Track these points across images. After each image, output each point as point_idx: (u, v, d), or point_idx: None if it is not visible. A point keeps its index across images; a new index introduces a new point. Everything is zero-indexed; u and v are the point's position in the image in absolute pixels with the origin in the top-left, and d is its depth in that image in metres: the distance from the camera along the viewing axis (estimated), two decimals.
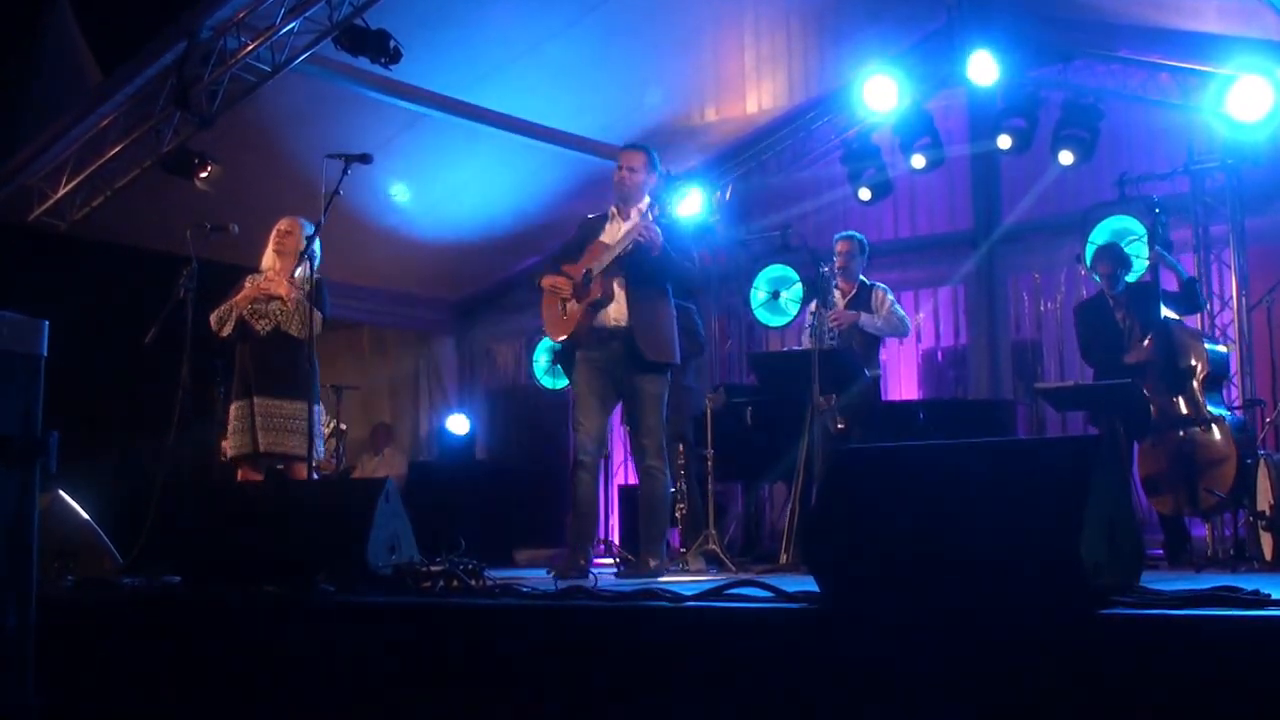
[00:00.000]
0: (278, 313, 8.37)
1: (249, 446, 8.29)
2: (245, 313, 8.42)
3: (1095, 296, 9.81)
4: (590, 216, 8.19)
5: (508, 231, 13.49)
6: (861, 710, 3.97)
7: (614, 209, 8.06)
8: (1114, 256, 9.65)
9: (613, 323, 7.78)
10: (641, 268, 7.74)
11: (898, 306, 9.93)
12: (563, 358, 8.26)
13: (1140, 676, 3.54)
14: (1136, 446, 9.07)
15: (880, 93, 11.96)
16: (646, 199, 8.00)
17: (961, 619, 3.90)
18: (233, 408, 8.47)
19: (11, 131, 10.49)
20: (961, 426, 10.24)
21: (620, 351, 7.77)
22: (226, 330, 8.45)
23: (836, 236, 10.08)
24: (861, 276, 9.95)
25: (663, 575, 7.59)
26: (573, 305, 7.85)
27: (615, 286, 7.79)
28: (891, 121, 12.46)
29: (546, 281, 7.99)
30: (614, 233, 7.92)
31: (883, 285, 10.01)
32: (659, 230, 7.69)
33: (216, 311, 8.46)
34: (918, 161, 12.35)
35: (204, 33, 9.49)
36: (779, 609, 4.40)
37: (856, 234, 10.09)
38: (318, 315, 8.27)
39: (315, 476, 8.38)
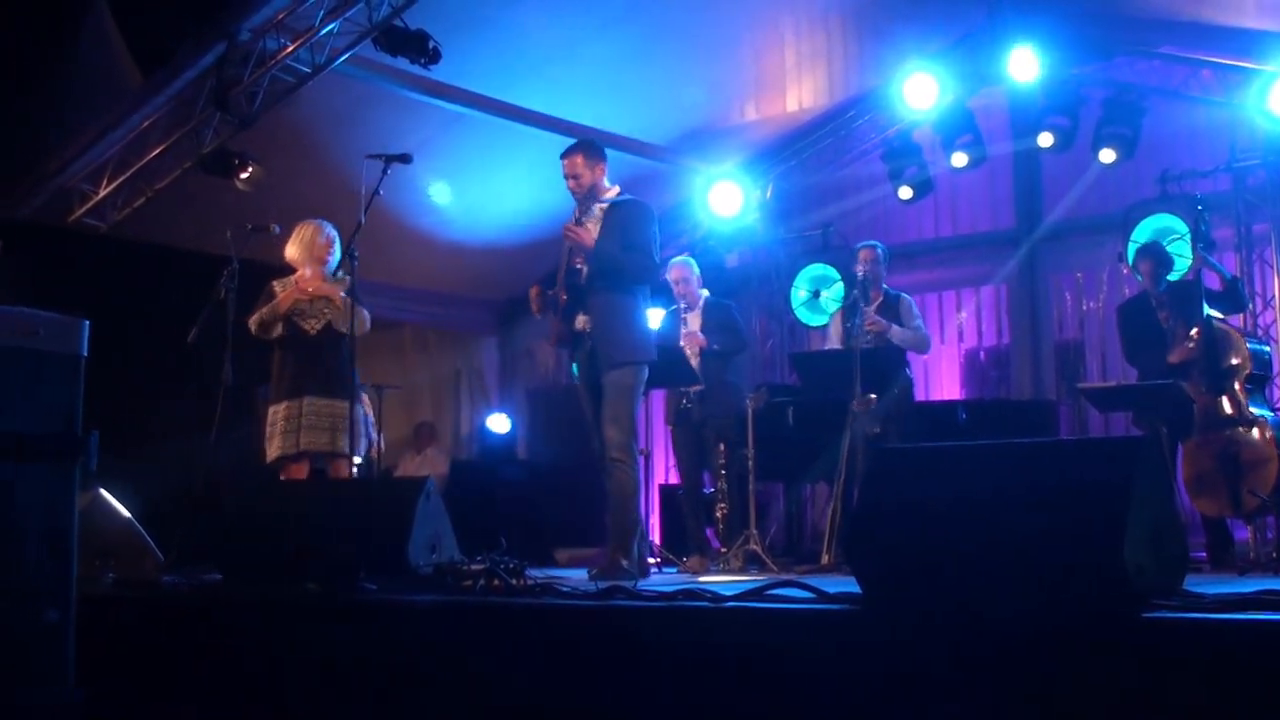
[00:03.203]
0: (328, 311, 8.39)
1: (293, 447, 8.31)
2: (293, 314, 8.44)
3: (1138, 296, 9.73)
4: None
5: (548, 231, 13.42)
6: (902, 711, 3.95)
7: (577, 211, 8.00)
8: (1156, 255, 9.57)
9: (581, 326, 7.78)
10: (592, 271, 7.73)
11: (921, 321, 9.96)
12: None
13: (1183, 680, 3.51)
14: (1181, 448, 8.99)
15: (921, 90, 11.91)
16: (613, 189, 7.96)
17: (1004, 621, 3.87)
18: (280, 408, 8.44)
19: (51, 133, 10.53)
20: (1004, 427, 10.19)
21: (591, 354, 7.79)
22: (277, 332, 8.47)
23: (858, 246, 10.04)
24: (885, 285, 9.91)
25: (631, 578, 7.39)
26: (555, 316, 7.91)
27: (573, 291, 7.81)
28: (932, 119, 12.40)
29: (532, 296, 8.00)
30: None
31: (908, 296, 9.99)
32: (585, 230, 7.73)
33: (256, 316, 8.47)
34: (959, 160, 12.29)
35: (243, 34, 9.51)
36: (820, 610, 4.38)
37: (877, 243, 10.04)
38: (366, 314, 8.32)
39: (355, 474, 8.40)
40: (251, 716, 5.54)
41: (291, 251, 8.62)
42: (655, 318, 9.37)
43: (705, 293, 10.23)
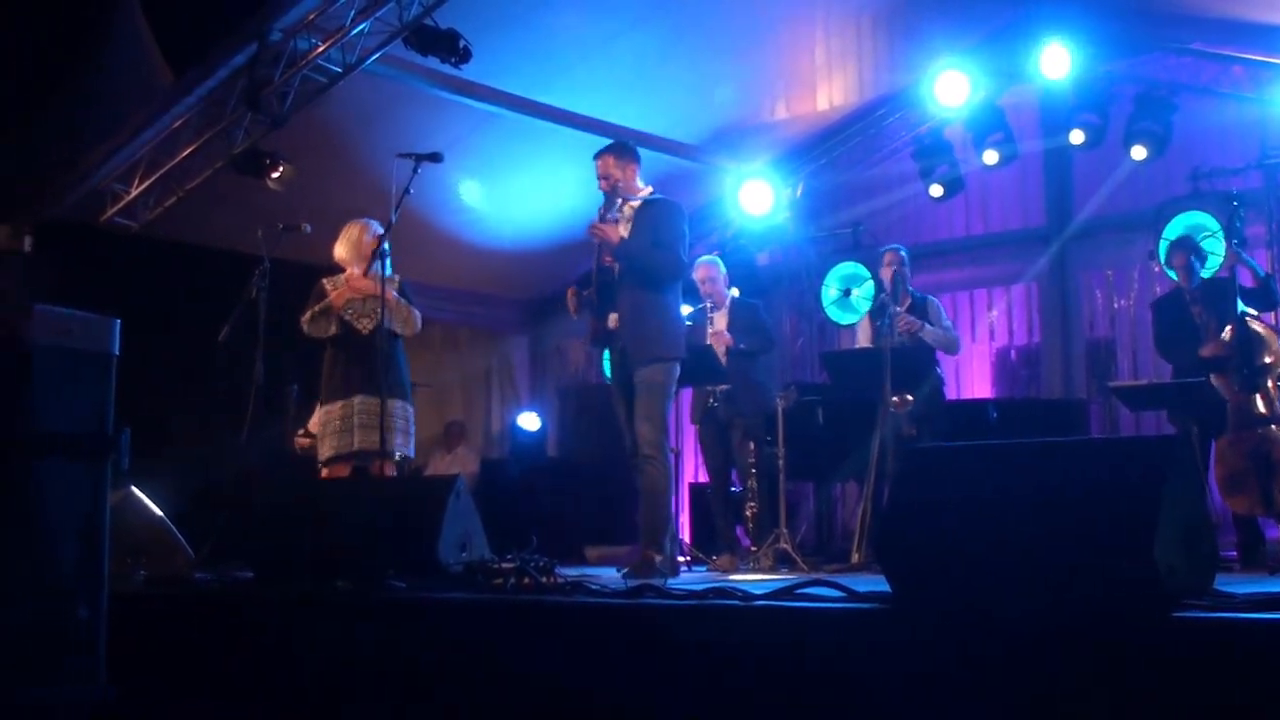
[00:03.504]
0: (378, 311, 8.35)
1: (349, 446, 8.32)
2: (345, 313, 8.45)
3: (1172, 292, 9.69)
4: None
5: (578, 230, 13.40)
6: (932, 710, 3.94)
7: (611, 212, 8.03)
8: (1190, 248, 9.53)
9: (614, 324, 7.82)
10: (623, 269, 7.81)
11: (949, 321, 9.95)
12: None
13: (1213, 680, 3.50)
14: (1214, 446, 8.95)
15: (952, 88, 11.88)
16: (646, 189, 7.99)
17: (1034, 620, 3.86)
18: (334, 408, 8.43)
19: (83, 133, 10.58)
20: (1034, 426, 10.16)
21: (623, 351, 7.83)
22: (330, 330, 8.47)
23: (882, 249, 10.03)
24: (910, 288, 9.89)
25: (662, 575, 7.48)
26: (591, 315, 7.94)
27: (604, 289, 7.87)
28: (963, 117, 12.37)
29: (569, 297, 8.07)
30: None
31: (934, 298, 9.98)
32: (610, 227, 7.81)
33: (308, 313, 8.46)
34: (990, 157, 12.26)
35: (274, 34, 9.52)
36: (850, 609, 4.38)
37: (900, 246, 10.02)
38: (418, 315, 8.37)
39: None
40: (281, 713, 5.56)
41: (340, 251, 8.62)
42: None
43: (734, 292, 10.24)
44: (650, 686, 4.56)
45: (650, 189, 8.02)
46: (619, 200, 7.92)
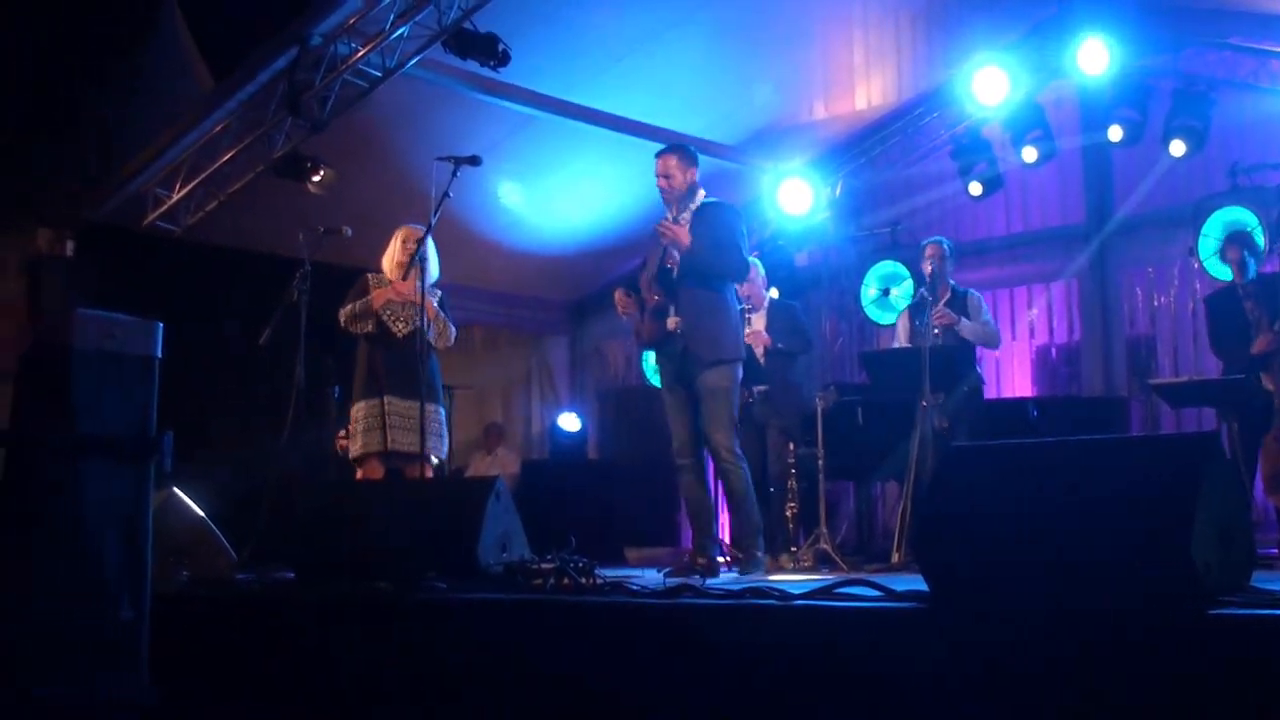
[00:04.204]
0: (416, 317, 8.40)
1: (378, 445, 8.38)
2: (383, 313, 8.51)
3: (1227, 287, 9.66)
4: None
5: (617, 231, 13.51)
6: (971, 710, 3.94)
7: (668, 212, 8.06)
8: (1244, 243, 9.49)
9: (674, 326, 7.81)
10: (684, 270, 7.79)
11: (989, 315, 9.90)
12: (653, 361, 8.32)
13: (1250, 677, 3.49)
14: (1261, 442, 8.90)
15: (990, 85, 11.84)
16: (701, 193, 8.01)
17: (1071, 618, 3.85)
18: (361, 406, 8.54)
19: (124, 138, 10.65)
20: (1075, 423, 10.13)
21: (684, 353, 7.81)
22: (366, 328, 8.54)
23: (924, 241, 10.00)
24: (952, 281, 9.86)
25: (761, 567, 7.66)
26: (646, 314, 7.94)
27: (666, 290, 7.86)
28: (1002, 115, 12.34)
29: (616, 299, 8.09)
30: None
31: (975, 292, 9.94)
32: (681, 229, 7.77)
33: (349, 308, 8.55)
34: (1029, 155, 12.21)
35: (315, 39, 9.58)
36: (888, 608, 4.37)
37: (943, 239, 9.99)
38: (453, 330, 8.44)
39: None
40: (323, 714, 5.59)
41: (386, 259, 8.71)
42: None
43: (773, 293, 10.24)
44: (690, 686, 4.57)
45: (704, 192, 8.05)
46: (683, 206, 7.95)
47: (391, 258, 8.69)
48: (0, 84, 10.30)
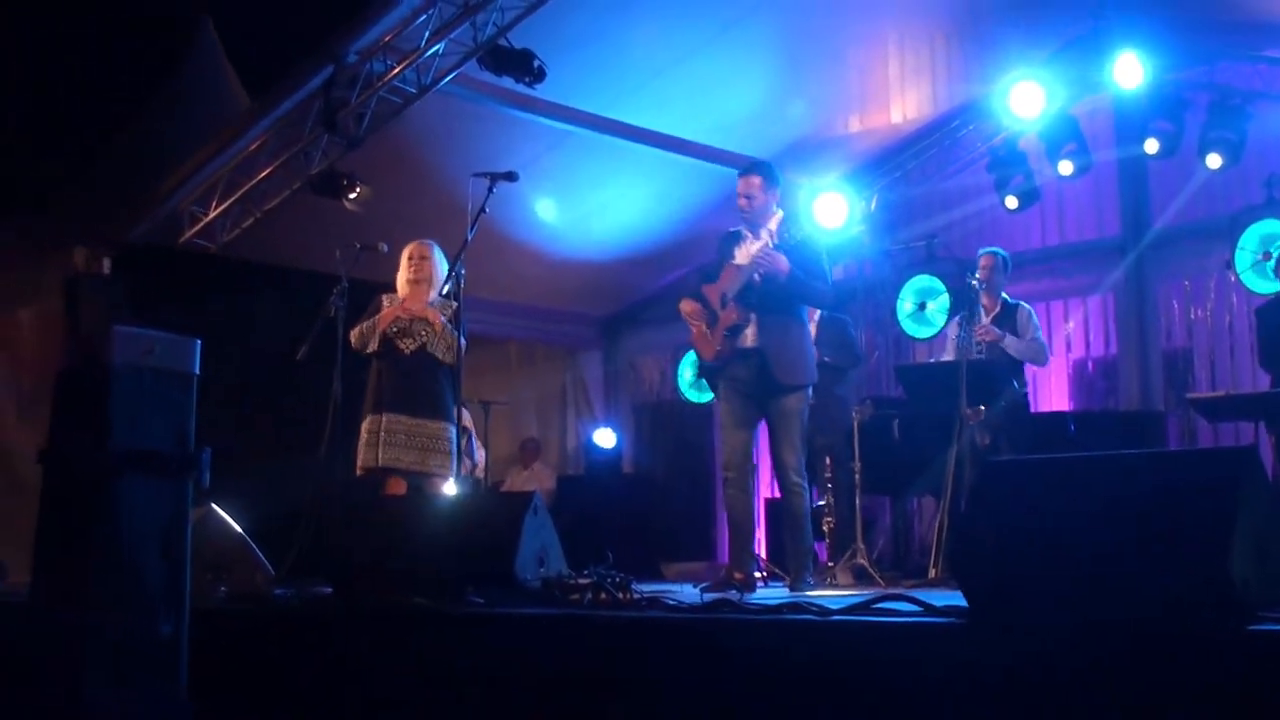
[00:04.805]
0: (424, 334, 8.50)
1: (373, 461, 8.45)
2: (390, 331, 8.56)
3: (1276, 298, 9.61)
4: (729, 231, 8.22)
5: (652, 246, 13.54)
6: None
7: (745, 229, 8.08)
8: None
9: (749, 344, 7.85)
10: (769, 292, 7.81)
11: (1040, 333, 9.86)
12: (706, 373, 8.30)
13: None
14: None
15: (1027, 99, 11.80)
16: (778, 214, 8.02)
17: (1109, 633, 3.84)
18: (365, 422, 8.63)
19: (161, 156, 10.70)
20: (1112, 438, 10.09)
21: (757, 372, 7.83)
22: (372, 347, 8.61)
23: (981, 251, 9.99)
24: (1004, 294, 9.84)
25: (813, 588, 7.64)
26: (716, 329, 7.93)
27: (747, 309, 7.85)
28: (1037, 128, 12.29)
29: (684, 309, 8.09)
30: (745, 253, 7.96)
31: (1027, 305, 9.90)
32: (782, 256, 7.77)
33: (357, 328, 8.65)
34: (1065, 168, 12.16)
35: (350, 57, 9.61)
36: (927, 624, 4.36)
37: (999, 250, 9.98)
38: (463, 343, 8.43)
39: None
40: None
41: (398, 276, 8.78)
42: None
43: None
44: (729, 702, 4.56)
45: (781, 213, 8.06)
46: (761, 227, 7.97)
47: (401, 274, 8.78)
48: (37, 104, 10.37)
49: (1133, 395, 12.46)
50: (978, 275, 9.64)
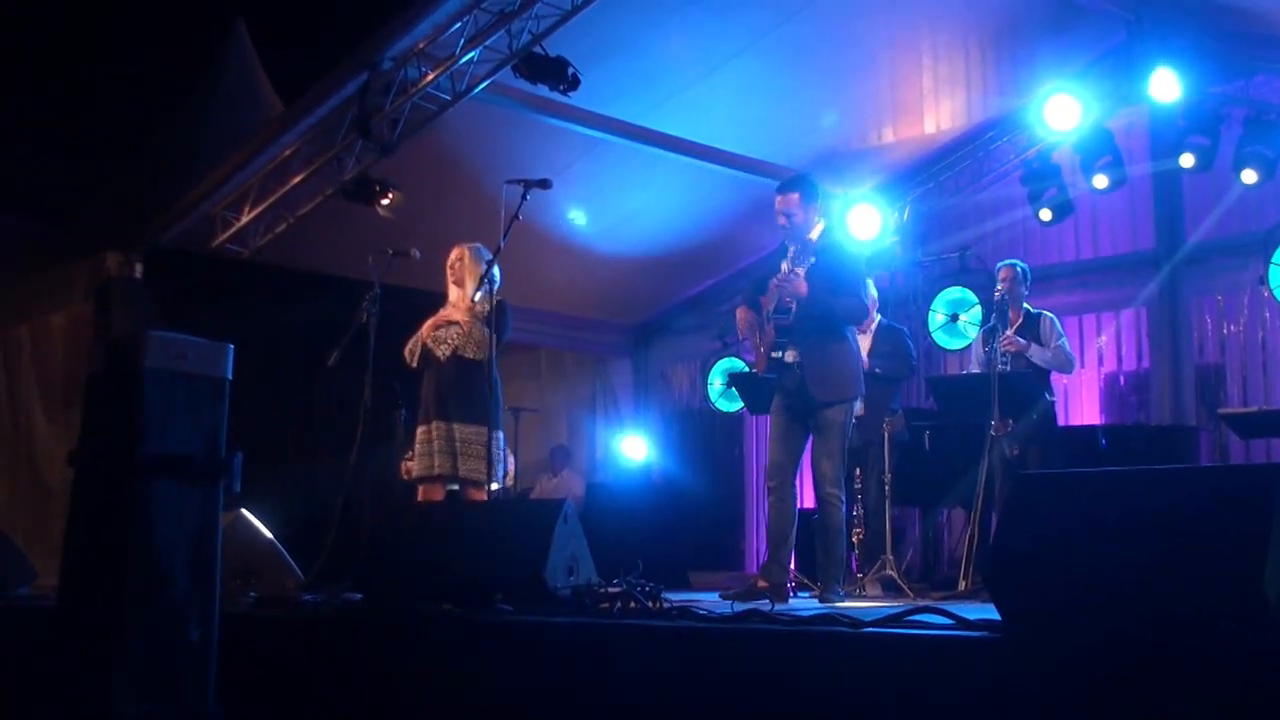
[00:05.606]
0: (455, 337, 8.53)
1: (431, 469, 8.45)
2: (428, 341, 8.60)
3: None
4: (781, 242, 8.21)
5: (684, 255, 13.52)
6: None
7: (788, 243, 8.07)
8: None
9: (790, 359, 7.86)
10: (803, 311, 7.81)
11: (1065, 341, 9.80)
12: (738, 383, 8.31)
13: None
14: None
15: (1062, 111, 11.74)
16: (819, 224, 8.01)
17: (1142, 649, 3.81)
18: (419, 431, 8.68)
19: (193, 161, 10.73)
20: (1144, 452, 10.05)
21: (799, 385, 7.85)
22: (416, 361, 8.65)
23: (998, 265, 9.94)
24: (1026, 304, 9.80)
25: (840, 602, 7.61)
26: (764, 343, 7.96)
27: (784, 329, 7.91)
28: (1072, 141, 12.24)
29: (738, 317, 8.13)
30: (786, 268, 7.95)
31: (1050, 314, 9.86)
32: (800, 280, 7.79)
33: (409, 344, 8.71)
34: (1099, 181, 12.10)
35: (385, 64, 9.63)
36: (960, 637, 4.34)
37: (1017, 262, 9.93)
38: (491, 339, 8.42)
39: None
40: None
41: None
42: None
43: (878, 317, 10.24)
44: (756, 712, 4.54)
45: (822, 224, 8.05)
46: (802, 244, 7.96)
47: (448, 274, 8.85)
48: (69, 108, 10.42)
49: (1164, 410, 12.39)
50: (998, 288, 9.60)
